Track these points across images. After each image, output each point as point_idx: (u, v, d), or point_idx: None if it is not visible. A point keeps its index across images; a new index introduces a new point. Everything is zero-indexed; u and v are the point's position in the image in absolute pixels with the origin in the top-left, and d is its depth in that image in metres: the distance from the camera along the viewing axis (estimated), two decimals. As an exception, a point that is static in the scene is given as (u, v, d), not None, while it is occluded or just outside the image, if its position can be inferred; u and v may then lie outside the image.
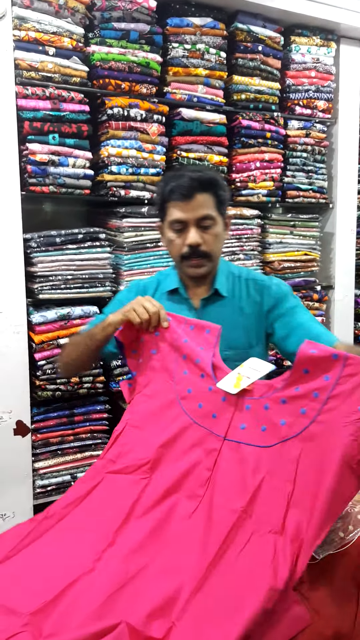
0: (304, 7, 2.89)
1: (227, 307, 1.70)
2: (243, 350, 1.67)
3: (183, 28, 2.67)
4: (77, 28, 2.43)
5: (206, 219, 1.59)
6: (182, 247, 1.61)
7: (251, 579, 1.13)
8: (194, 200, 1.56)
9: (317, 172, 3.19)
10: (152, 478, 1.43)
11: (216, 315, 1.65)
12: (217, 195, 1.61)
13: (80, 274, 2.53)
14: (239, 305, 1.71)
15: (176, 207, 1.58)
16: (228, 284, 1.71)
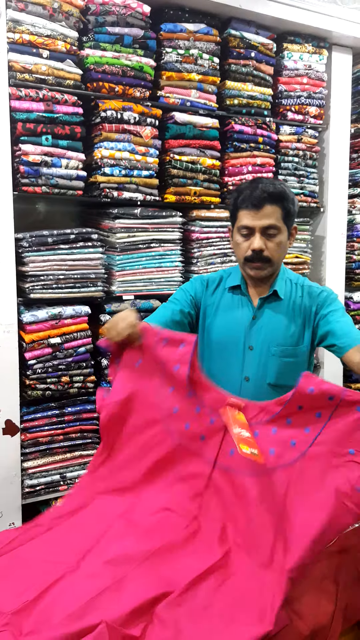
0: (296, 15, 2.93)
1: (281, 308, 1.85)
2: (290, 347, 1.84)
3: (177, 33, 2.71)
4: (71, 31, 2.46)
5: (271, 228, 1.72)
6: (247, 251, 1.75)
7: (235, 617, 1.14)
8: (262, 210, 1.70)
9: (309, 176, 3.23)
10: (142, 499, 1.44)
11: (270, 313, 1.84)
12: (285, 208, 1.73)
13: (72, 273, 2.55)
14: (292, 308, 1.85)
15: (246, 214, 1.73)
16: (285, 288, 1.86)
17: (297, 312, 1.85)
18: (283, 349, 1.82)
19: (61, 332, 2.52)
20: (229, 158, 2.95)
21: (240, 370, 1.84)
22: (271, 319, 1.83)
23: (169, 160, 2.76)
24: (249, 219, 1.73)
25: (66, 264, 2.53)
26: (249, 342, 1.83)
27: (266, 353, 1.82)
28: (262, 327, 1.83)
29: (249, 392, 1.79)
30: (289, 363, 1.84)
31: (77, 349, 2.57)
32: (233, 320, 1.86)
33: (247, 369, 1.83)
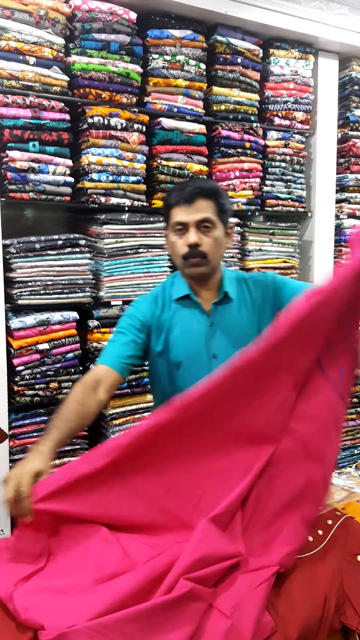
0: (282, 21, 2.97)
1: (235, 309, 1.80)
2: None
3: (163, 40, 2.73)
4: (58, 38, 2.48)
5: (206, 221, 1.68)
6: (183, 248, 1.69)
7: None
8: (195, 205, 1.67)
9: (296, 181, 3.26)
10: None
11: (227, 318, 1.78)
12: (218, 203, 1.71)
13: (60, 279, 2.56)
14: (245, 306, 1.81)
15: (179, 210, 1.69)
16: (232, 288, 1.81)
17: (251, 309, 1.81)
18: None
19: (49, 338, 2.53)
20: (216, 163, 2.97)
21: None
22: (228, 322, 1.78)
23: (156, 166, 2.78)
24: (182, 215, 1.68)
25: (54, 270, 2.54)
26: (211, 351, 1.76)
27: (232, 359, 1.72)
28: (222, 333, 1.77)
29: None
30: None
31: (65, 355, 2.58)
32: (190, 333, 1.77)
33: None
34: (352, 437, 3.66)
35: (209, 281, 1.78)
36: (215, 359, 1.75)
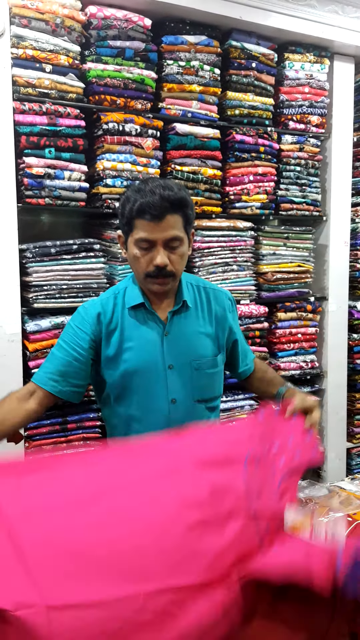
0: (297, 25, 2.98)
1: (193, 317, 1.74)
2: (211, 358, 1.76)
3: (177, 45, 2.77)
4: (74, 46, 2.53)
5: (174, 240, 1.58)
6: (149, 266, 1.60)
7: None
8: (164, 222, 1.55)
9: (311, 185, 3.27)
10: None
11: (182, 326, 1.72)
12: (186, 215, 1.60)
13: (74, 283, 2.60)
14: (202, 315, 1.77)
15: (145, 226, 1.56)
16: (190, 295, 1.75)
17: (208, 319, 1.76)
18: (205, 360, 1.72)
19: (64, 341, 2.57)
20: (230, 168, 3.00)
21: (165, 393, 1.68)
22: (184, 331, 1.71)
23: (170, 171, 2.81)
24: (148, 232, 1.55)
25: (69, 274, 2.59)
26: (167, 362, 1.68)
27: (189, 368, 1.70)
28: (177, 342, 1.70)
29: (178, 414, 1.69)
30: (212, 374, 1.76)
31: (80, 358, 2.61)
32: (144, 342, 1.68)
33: (172, 391, 1.69)
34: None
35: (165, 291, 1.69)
36: (171, 370, 1.69)
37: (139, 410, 1.70)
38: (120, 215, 1.65)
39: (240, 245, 3.04)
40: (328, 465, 3.49)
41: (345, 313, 3.46)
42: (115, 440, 1.79)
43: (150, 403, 1.69)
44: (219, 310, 1.79)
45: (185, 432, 1.35)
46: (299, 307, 3.26)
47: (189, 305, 1.73)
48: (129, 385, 1.70)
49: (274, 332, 3.21)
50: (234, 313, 1.86)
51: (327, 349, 3.42)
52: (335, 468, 3.52)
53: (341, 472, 3.56)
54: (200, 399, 1.74)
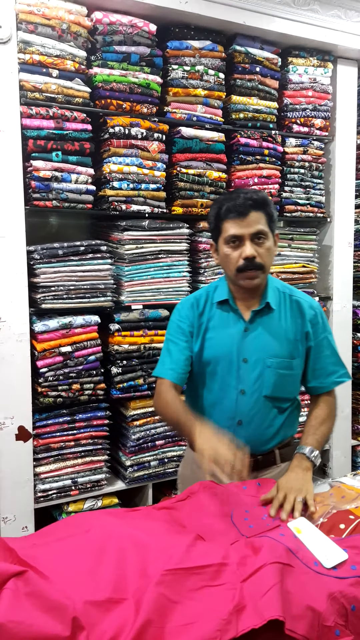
0: (301, 30, 2.95)
1: (275, 319, 1.80)
2: (286, 359, 1.79)
3: (182, 50, 2.75)
4: (80, 51, 2.51)
5: (260, 234, 1.69)
6: (239, 260, 1.69)
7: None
8: (248, 217, 1.67)
9: (315, 187, 3.23)
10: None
11: (263, 325, 1.79)
12: (268, 213, 1.71)
13: (82, 284, 2.59)
14: (284, 319, 1.81)
15: (232, 224, 1.68)
16: (275, 299, 1.81)
17: (290, 324, 1.81)
18: (279, 361, 1.78)
19: (72, 341, 2.56)
20: (235, 170, 2.97)
21: (236, 384, 1.79)
22: (265, 330, 1.78)
23: (176, 174, 2.79)
24: (236, 228, 1.68)
25: (76, 275, 2.57)
26: (242, 355, 1.77)
27: (261, 365, 1.77)
28: (256, 339, 1.78)
29: (246, 405, 1.79)
30: (285, 375, 1.80)
31: (87, 357, 2.60)
32: (224, 335, 1.80)
33: (243, 382, 1.78)
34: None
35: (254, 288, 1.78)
36: (245, 363, 1.77)
37: (214, 396, 1.82)
38: (209, 223, 1.79)
39: (245, 246, 3.00)
40: (333, 462, 3.46)
41: (349, 312, 3.43)
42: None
43: (222, 391, 1.81)
44: (301, 318, 1.82)
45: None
46: (303, 308, 3.21)
47: (273, 307, 1.79)
48: (208, 373, 1.82)
49: (279, 332, 3.17)
50: (317, 325, 1.83)
51: (332, 349, 3.37)
52: (340, 466, 3.48)
53: (346, 469, 3.52)
54: (270, 396, 1.79)
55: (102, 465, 2.70)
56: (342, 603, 1.17)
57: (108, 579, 1.20)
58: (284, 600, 1.14)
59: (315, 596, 1.16)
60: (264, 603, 1.14)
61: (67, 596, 1.14)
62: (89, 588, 1.17)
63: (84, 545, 1.33)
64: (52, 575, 1.20)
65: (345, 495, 1.74)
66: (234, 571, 1.23)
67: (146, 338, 2.73)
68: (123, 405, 2.81)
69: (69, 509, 2.64)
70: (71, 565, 1.25)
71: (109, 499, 2.73)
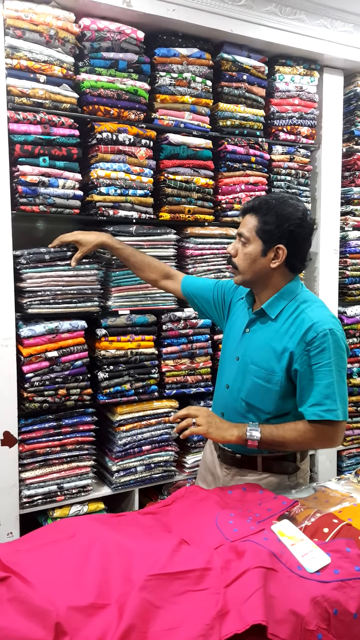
0: (287, 39, 2.92)
1: (271, 328, 1.77)
2: (264, 370, 1.75)
3: (170, 58, 2.70)
4: (68, 57, 2.46)
5: (241, 236, 1.78)
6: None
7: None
8: (244, 219, 1.79)
9: (301, 194, 3.20)
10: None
11: (259, 330, 1.82)
12: (261, 221, 1.73)
13: (69, 289, 2.53)
14: (282, 332, 1.73)
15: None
16: (280, 308, 1.76)
17: (283, 339, 1.72)
18: (257, 369, 1.76)
19: (58, 346, 2.50)
20: (222, 177, 2.93)
21: (226, 377, 1.89)
22: (258, 336, 1.81)
23: (163, 180, 2.75)
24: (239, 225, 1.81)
25: (63, 280, 2.51)
26: (237, 353, 1.85)
27: (245, 368, 1.81)
28: (249, 342, 1.82)
29: (227, 400, 1.86)
30: (262, 386, 1.75)
31: (73, 363, 2.54)
32: (233, 329, 1.93)
33: (229, 378, 1.87)
34: (358, 445, 3.57)
35: (257, 292, 1.85)
36: (237, 361, 1.84)
37: (218, 381, 1.99)
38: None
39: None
40: (319, 467, 3.41)
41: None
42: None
43: (219, 379, 1.97)
44: (297, 336, 1.69)
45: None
46: (290, 313, 3.17)
47: (272, 317, 1.78)
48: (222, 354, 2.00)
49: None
50: (313, 350, 1.65)
51: (318, 354, 3.34)
52: (325, 470, 3.44)
53: (332, 474, 3.48)
54: (246, 401, 1.80)
55: (88, 470, 2.64)
56: (325, 607, 1.15)
57: (92, 584, 1.17)
58: (267, 604, 1.12)
59: (298, 600, 1.15)
60: (247, 608, 1.12)
61: (50, 602, 1.11)
62: (72, 593, 1.15)
63: (68, 550, 1.30)
64: (36, 581, 1.17)
65: (329, 499, 1.71)
66: (217, 575, 1.21)
67: (133, 343, 2.68)
68: (110, 411, 2.75)
69: (55, 514, 2.58)
70: (55, 570, 1.23)
71: (95, 505, 2.67)
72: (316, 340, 1.64)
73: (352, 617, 1.17)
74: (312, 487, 1.83)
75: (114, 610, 1.12)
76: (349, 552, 1.31)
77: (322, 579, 1.22)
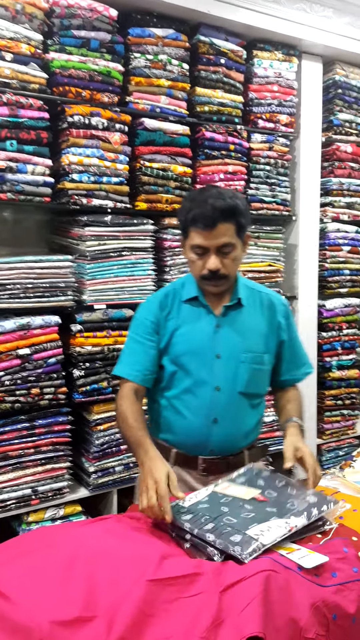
0: (266, 22, 2.74)
1: (246, 315, 1.72)
2: (259, 354, 1.71)
3: (145, 38, 2.50)
4: (36, 34, 2.24)
5: (226, 246, 1.58)
6: (203, 270, 1.60)
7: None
8: (215, 230, 1.55)
9: (280, 185, 3.03)
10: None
11: (235, 321, 1.69)
12: (238, 222, 1.59)
13: (40, 282, 2.32)
14: (255, 315, 1.74)
15: (198, 233, 1.56)
16: (245, 295, 1.73)
17: (261, 319, 1.74)
18: (252, 355, 1.70)
19: (30, 343, 2.29)
20: (200, 165, 2.74)
21: (211, 380, 1.67)
22: (236, 326, 1.70)
23: (139, 167, 2.55)
24: (201, 239, 1.56)
25: (34, 272, 2.30)
26: (215, 351, 1.67)
27: (235, 361, 1.68)
28: (228, 335, 1.68)
29: (221, 402, 1.67)
30: (258, 370, 1.72)
31: (47, 360, 2.34)
32: (196, 331, 1.69)
33: (218, 379, 1.67)
34: (337, 439, 3.44)
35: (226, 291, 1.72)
36: (218, 359, 1.67)
37: (188, 394, 1.68)
38: (179, 221, 1.67)
39: (211, 243, 2.78)
40: (300, 462, 3.26)
41: (314, 312, 3.24)
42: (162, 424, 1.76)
43: (196, 388, 1.67)
44: (272, 313, 1.76)
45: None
46: (270, 306, 3.01)
47: (243, 304, 1.71)
48: (180, 369, 1.68)
49: (246, 331, 2.96)
50: (289, 319, 1.80)
51: (298, 348, 3.19)
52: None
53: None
54: (244, 392, 1.70)
55: (64, 472, 2.44)
56: (324, 612, 1.11)
57: (77, 596, 1.06)
58: (265, 612, 1.05)
59: (297, 606, 1.09)
60: (244, 618, 1.04)
61: (33, 617, 1.01)
62: (56, 607, 1.04)
63: (49, 560, 1.18)
64: (15, 596, 1.06)
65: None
66: (209, 580, 1.12)
67: (110, 339, 2.48)
68: (86, 410, 2.55)
69: (29, 519, 2.38)
70: (36, 583, 1.11)
71: (71, 507, 2.47)
72: (288, 312, 1.80)
73: (350, 622, 1.13)
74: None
75: (102, 622, 1.03)
76: (346, 552, 1.26)
77: (321, 583, 1.16)
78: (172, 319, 1.71)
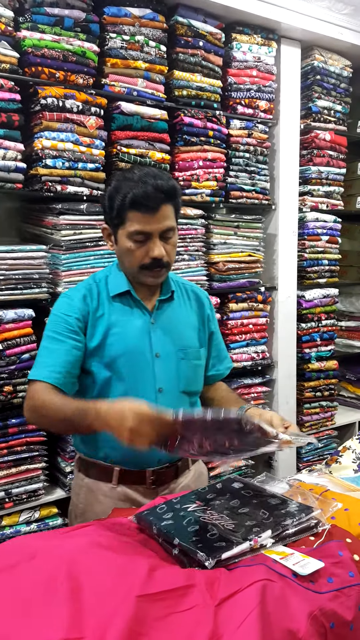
0: (244, 3, 2.65)
1: (177, 308, 1.64)
2: (196, 349, 1.64)
3: (121, 18, 2.38)
4: (6, 11, 2.11)
5: (169, 230, 1.47)
6: (144, 258, 1.47)
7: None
8: (159, 212, 1.43)
9: (260, 173, 2.95)
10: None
11: (168, 316, 1.60)
12: (176, 204, 1.49)
13: (12, 274, 2.19)
14: (186, 308, 1.67)
15: (140, 218, 1.42)
16: (174, 288, 1.65)
17: (192, 313, 1.68)
18: (191, 351, 1.61)
19: (2, 338, 2.17)
20: (179, 152, 2.64)
21: (153, 382, 1.54)
22: (171, 321, 1.60)
23: (116, 153, 2.43)
24: (144, 224, 1.43)
25: (6, 263, 2.17)
26: (154, 350, 1.54)
27: (175, 358, 1.57)
28: (165, 332, 1.57)
29: (165, 404, 1.48)
30: (197, 366, 1.64)
31: (20, 356, 2.22)
32: (132, 329, 1.54)
33: (160, 379, 1.54)
34: (316, 430, 3.41)
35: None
36: (158, 358, 1.55)
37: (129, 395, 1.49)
38: (107, 207, 1.49)
39: (191, 234, 2.69)
40: (279, 455, 3.22)
41: (294, 302, 3.19)
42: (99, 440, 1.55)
43: (137, 391, 1.49)
44: (200, 305, 1.70)
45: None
46: (249, 298, 2.94)
47: (174, 298, 1.62)
48: (115, 373, 1.52)
49: (226, 323, 2.88)
50: (212, 312, 1.75)
51: (277, 339, 3.14)
52: (285, 458, 3.25)
53: (292, 460, 3.31)
54: (186, 391, 1.60)
55: (39, 473, 2.33)
56: (322, 622, 1.05)
57: (61, 615, 0.97)
58: (262, 627, 0.98)
59: (295, 615, 1.03)
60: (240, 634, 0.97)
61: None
62: (38, 629, 0.94)
63: (28, 576, 1.08)
64: None
65: (307, 497, 1.51)
66: (202, 592, 1.05)
67: (86, 332, 2.37)
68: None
69: (3, 522, 2.27)
70: (15, 602, 1.01)
71: (47, 510, 2.37)
72: (211, 304, 1.75)
73: (348, 629, 1.08)
74: (286, 482, 1.64)
75: None
76: (341, 556, 1.20)
77: (317, 589, 1.10)
78: (102, 317, 1.54)
